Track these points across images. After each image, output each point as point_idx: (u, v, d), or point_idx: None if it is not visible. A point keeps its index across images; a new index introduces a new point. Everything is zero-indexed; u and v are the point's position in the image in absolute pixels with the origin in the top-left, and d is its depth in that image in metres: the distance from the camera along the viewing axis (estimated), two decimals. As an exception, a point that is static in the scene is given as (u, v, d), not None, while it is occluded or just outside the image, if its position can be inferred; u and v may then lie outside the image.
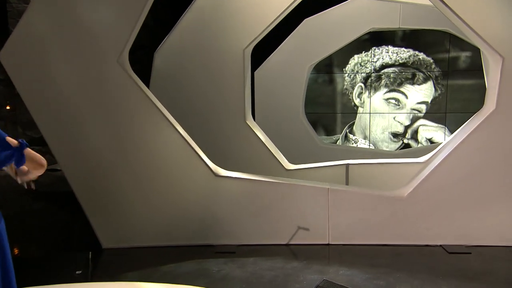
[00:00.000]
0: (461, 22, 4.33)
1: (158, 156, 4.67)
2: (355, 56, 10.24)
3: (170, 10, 8.00)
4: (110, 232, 4.73)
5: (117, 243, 4.73)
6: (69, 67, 4.43)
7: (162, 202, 4.72)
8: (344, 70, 10.37)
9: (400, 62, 10.06)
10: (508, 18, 4.33)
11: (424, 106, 10.13)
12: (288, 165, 6.44)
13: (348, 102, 10.48)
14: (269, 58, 9.06)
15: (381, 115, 10.30)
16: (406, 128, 10.28)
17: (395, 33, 10.01)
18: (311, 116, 9.85)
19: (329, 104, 10.58)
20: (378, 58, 10.16)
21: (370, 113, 10.33)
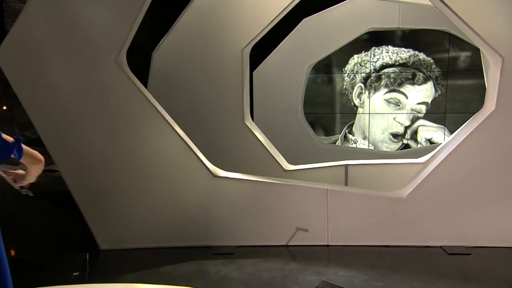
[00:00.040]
0: (460, 22, 4.31)
1: (156, 156, 4.65)
2: (355, 56, 10.22)
3: (168, 10, 7.98)
4: (108, 233, 4.71)
5: (114, 244, 4.71)
6: (66, 67, 4.41)
7: (160, 203, 4.70)
8: (343, 70, 10.35)
9: (400, 62, 10.04)
10: (508, 18, 4.31)
11: (424, 107, 10.11)
12: (287, 165, 6.42)
13: (347, 102, 10.46)
14: (267, 58, 9.04)
15: (381, 116, 10.28)
16: (406, 128, 10.26)
17: (395, 33, 10.00)
18: (310, 116, 9.84)
19: (328, 104, 10.56)
20: (378, 58, 10.14)
21: (370, 113, 10.31)
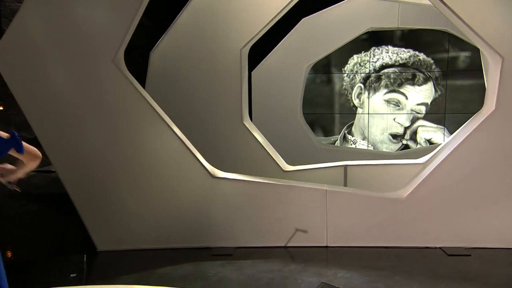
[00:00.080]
0: (460, 21, 4.30)
1: (154, 157, 4.62)
2: (354, 56, 10.20)
3: (166, 9, 7.96)
4: (105, 234, 4.69)
5: (112, 246, 4.69)
6: (63, 67, 4.39)
7: (158, 204, 4.68)
8: (343, 70, 10.33)
9: (400, 62, 10.02)
10: (507, 18, 4.30)
11: (423, 108, 10.09)
12: (285, 166, 6.40)
13: (346, 103, 10.44)
14: (266, 58, 9.03)
15: (380, 116, 10.26)
16: (405, 129, 10.24)
17: (394, 33, 9.98)
18: (309, 116, 9.83)
19: (327, 104, 10.54)
20: (378, 58, 10.12)
21: (369, 113, 10.29)
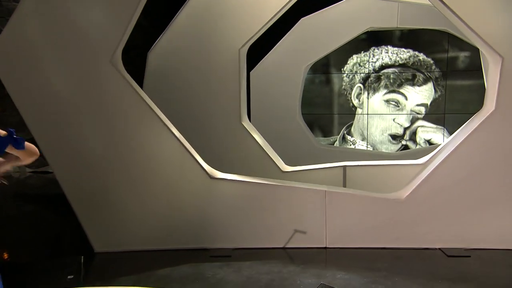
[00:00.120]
0: (460, 21, 4.28)
1: (152, 158, 4.60)
2: (354, 56, 10.19)
3: (164, 9, 7.93)
4: (103, 235, 4.66)
5: (110, 247, 4.66)
6: (60, 67, 4.36)
7: (156, 205, 4.65)
8: (342, 70, 10.31)
9: (400, 62, 10.01)
10: (507, 18, 4.28)
11: (423, 109, 10.08)
12: (284, 167, 6.39)
13: (345, 103, 10.43)
14: (265, 58, 9.02)
15: (380, 117, 10.24)
16: (405, 129, 10.23)
17: (393, 32, 9.97)
18: (308, 117, 9.81)
19: (326, 105, 10.53)
20: (377, 59, 10.10)
21: (368, 114, 10.27)
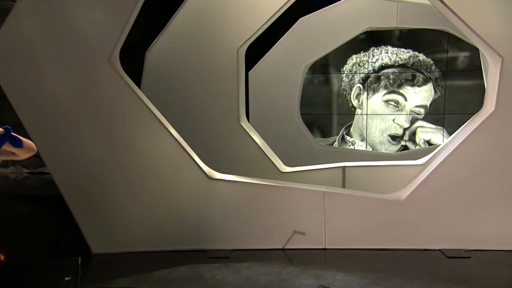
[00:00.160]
0: (459, 21, 4.27)
1: (150, 158, 4.58)
2: (353, 56, 10.17)
3: (162, 9, 7.91)
4: (100, 237, 4.64)
5: (107, 248, 4.64)
6: (58, 67, 4.34)
7: (154, 205, 4.63)
8: (341, 70, 10.29)
9: (399, 63, 9.99)
10: (507, 18, 4.27)
11: (422, 110, 10.06)
12: (283, 167, 6.37)
13: (344, 103, 10.41)
14: (263, 58, 9.00)
15: (380, 117, 10.23)
16: (404, 130, 10.21)
17: (393, 32, 9.95)
18: (307, 117, 9.79)
19: (325, 105, 10.51)
20: (377, 59, 10.08)
21: (367, 114, 10.26)
